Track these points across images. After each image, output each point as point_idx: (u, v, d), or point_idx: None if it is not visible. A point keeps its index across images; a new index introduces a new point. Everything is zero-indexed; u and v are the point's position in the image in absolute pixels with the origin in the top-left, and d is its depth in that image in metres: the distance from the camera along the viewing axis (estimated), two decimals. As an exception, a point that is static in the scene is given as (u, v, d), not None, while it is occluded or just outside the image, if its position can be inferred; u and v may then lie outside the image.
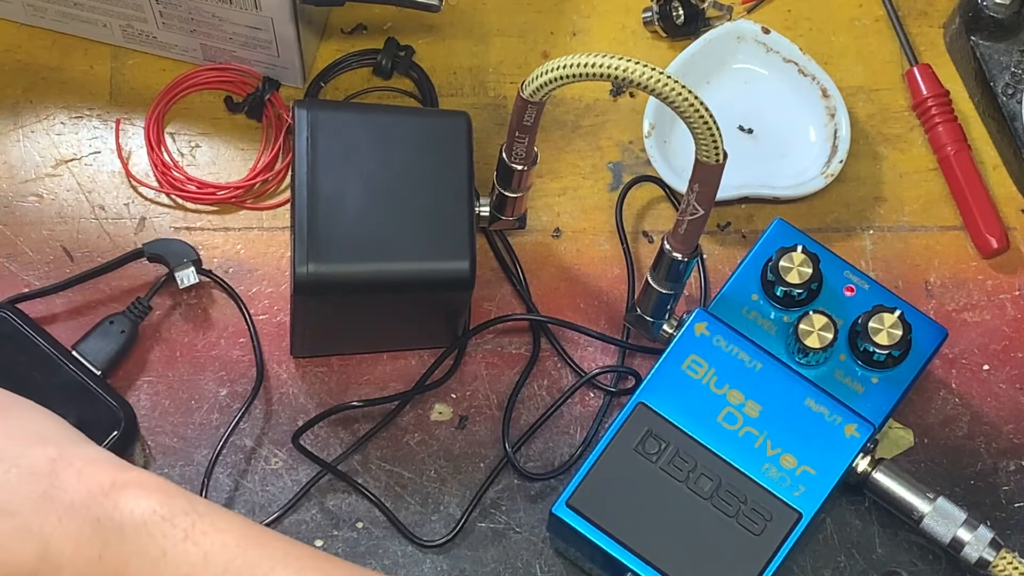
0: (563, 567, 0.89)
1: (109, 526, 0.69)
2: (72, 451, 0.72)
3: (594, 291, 0.95)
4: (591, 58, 0.71)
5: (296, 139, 0.84)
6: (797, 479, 0.82)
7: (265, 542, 0.71)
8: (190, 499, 0.71)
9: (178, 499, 0.70)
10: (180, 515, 0.70)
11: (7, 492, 0.70)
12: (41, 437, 0.73)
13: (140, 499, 0.70)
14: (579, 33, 1.01)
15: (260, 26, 0.92)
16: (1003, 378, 0.94)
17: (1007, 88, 0.97)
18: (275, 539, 0.71)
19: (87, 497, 0.70)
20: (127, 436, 0.87)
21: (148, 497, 0.70)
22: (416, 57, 0.99)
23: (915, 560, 0.89)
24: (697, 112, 0.71)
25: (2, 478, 0.70)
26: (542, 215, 0.96)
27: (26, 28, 0.98)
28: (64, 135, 0.96)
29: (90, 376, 0.88)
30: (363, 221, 0.83)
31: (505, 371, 0.93)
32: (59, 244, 0.94)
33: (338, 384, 0.92)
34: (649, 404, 0.84)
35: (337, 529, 0.89)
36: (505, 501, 0.90)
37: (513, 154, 0.82)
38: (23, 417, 0.74)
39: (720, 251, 0.96)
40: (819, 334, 0.84)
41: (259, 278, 0.94)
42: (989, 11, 0.96)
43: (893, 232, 0.97)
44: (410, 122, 0.86)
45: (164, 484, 0.71)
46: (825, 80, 0.97)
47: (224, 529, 0.70)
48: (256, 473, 0.90)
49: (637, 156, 0.98)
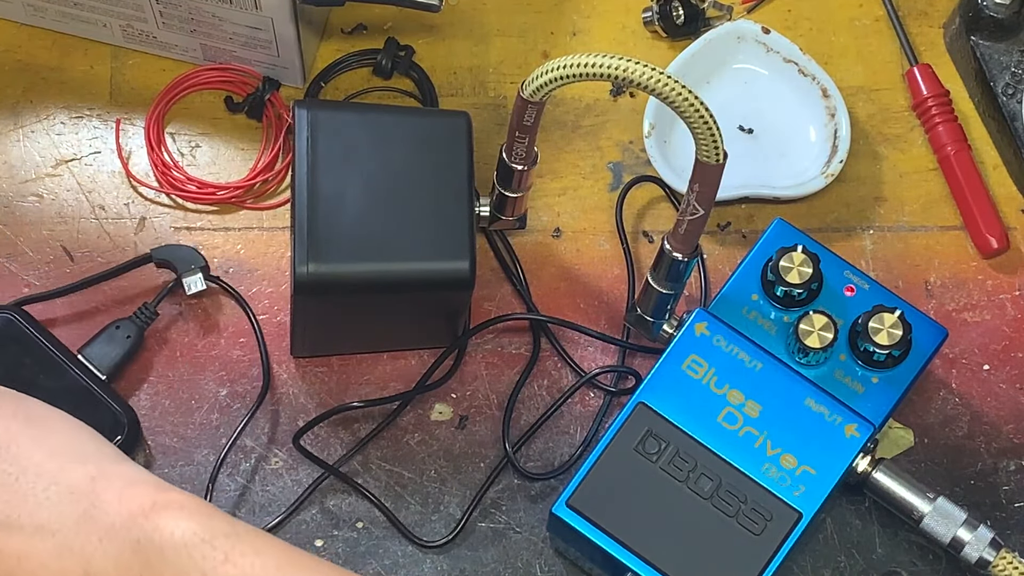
0: (563, 567, 0.89)
1: (149, 548, 0.69)
2: (111, 469, 0.72)
3: (594, 291, 0.95)
4: (591, 58, 0.71)
5: (296, 139, 0.84)
6: (797, 479, 0.82)
7: (304, 565, 0.70)
8: (230, 521, 0.71)
9: (218, 521, 0.70)
10: (220, 537, 0.69)
11: (47, 510, 0.70)
12: (80, 454, 0.72)
13: (180, 521, 0.69)
14: (579, 33, 1.01)
15: (260, 26, 0.92)
16: (1003, 378, 0.94)
17: (1007, 88, 0.97)
18: (315, 563, 0.71)
19: (127, 518, 0.70)
20: (130, 441, 0.87)
21: (189, 519, 0.69)
22: (416, 57, 0.99)
23: (915, 560, 0.89)
24: (697, 112, 0.71)
25: (42, 495, 0.70)
26: (542, 215, 0.96)
27: (26, 28, 0.98)
28: (64, 135, 0.96)
29: (95, 381, 0.88)
30: (363, 221, 0.83)
31: (505, 371, 0.93)
32: (59, 244, 0.94)
33: (338, 384, 0.92)
34: (649, 404, 0.84)
35: (337, 529, 0.89)
36: (505, 501, 0.90)
37: (513, 154, 0.82)
38: (62, 432, 0.74)
39: (720, 251, 0.96)
40: (819, 334, 0.84)
41: (259, 278, 0.94)
42: (989, 11, 0.96)
43: (893, 232, 0.97)
44: (410, 122, 0.86)
45: (204, 505, 0.71)
46: (825, 80, 0.97)
47: (264, 552, 0.70)
48: (256, 473, 0.90)
49: (637, 156, 0.98)
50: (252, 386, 0.91)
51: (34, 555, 0.70)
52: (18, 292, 0.92)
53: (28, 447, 0.72)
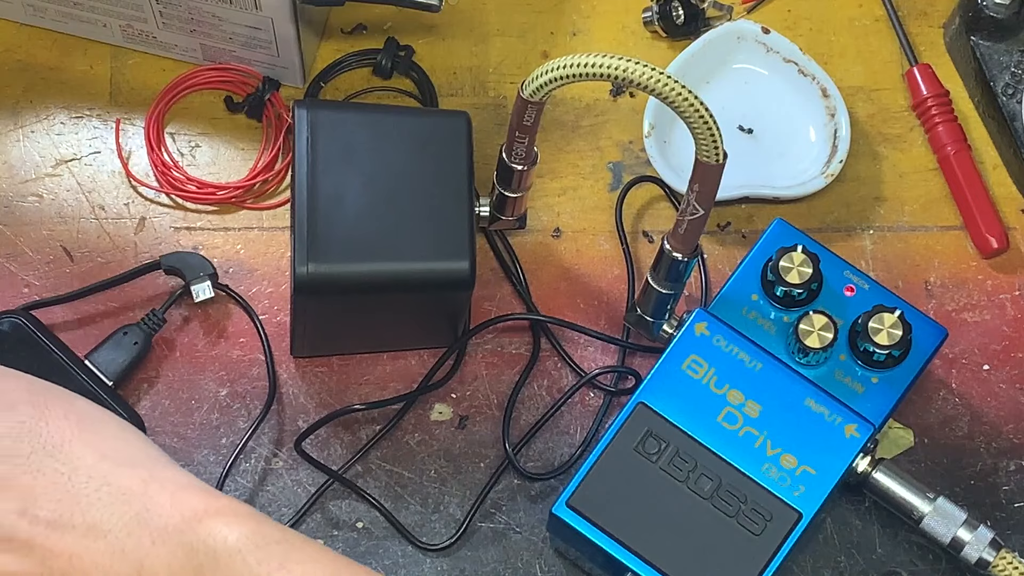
0: (563, 567, 0.89)
1: (203, 551, 0.69)
2: (162, 473, 0.72)
3: (594, 291, 0.95)
4: (591, 58, 0.71)
5: (296, 139, 0.84)
6: (797, 479, 0.82)
7: (356, 573, 0.71)
8: (281, 528, 0.71)
9: (269, 528, 0.70)
10: (273, 544, 0.69)
11: (99, 510, 0.70)
12: (131, 457, 0.72)
13: (233, 527, 0.69)
14: (579, 33, 1.01)
15: (260, 26, 0.92)
16: (1003, 378, 0.94)
17: (1007, 88, 0.97)
18: (365, 573, 0.71)
19: (180, 522, 0.69)
20: None
21: (241, 525, 0.69)
22: (416, 57, 0.99)
23: (915, 560, 0.89)
24: (697, 112, 0.71)
25: (94, 496, 0.70)
26: (542, 215, 0.96)
27: (26, 28, 0.98)
28: (64, 135, 0.96)
29: (101, 387, 0.88)
30: (363, 221, 0.83)
31: (505, 371, 0.93)
32: (59, 244, 0.94)
33: (338, 385, 0.92)
34: (649, 404, 0.84)
35: (337, 529, 0.89)
36: (505, 501, 0.90)
37: (513, 154, 0.82)
38: (113, 434, 0.74)
39: (720, 251, 0.96)
40: (819, 334, 0.84)
41: (259, 278, 0.94)
42: (989, 11, 0.96)
43: (893, 232, 0.97)
44: (410, 122, 0.86)
45: (255, 513, 0.71)
46: (825, 80, 0.97)
47: (317, 559, 0.70)
48: (256, 473, 0.90)
49: (637, 156, 0.98)
50: (252, 386, 0.91)
51: (86, 555, 0.69)
52: (18, 292, 0.92)
53: (80, 448, 0.71)
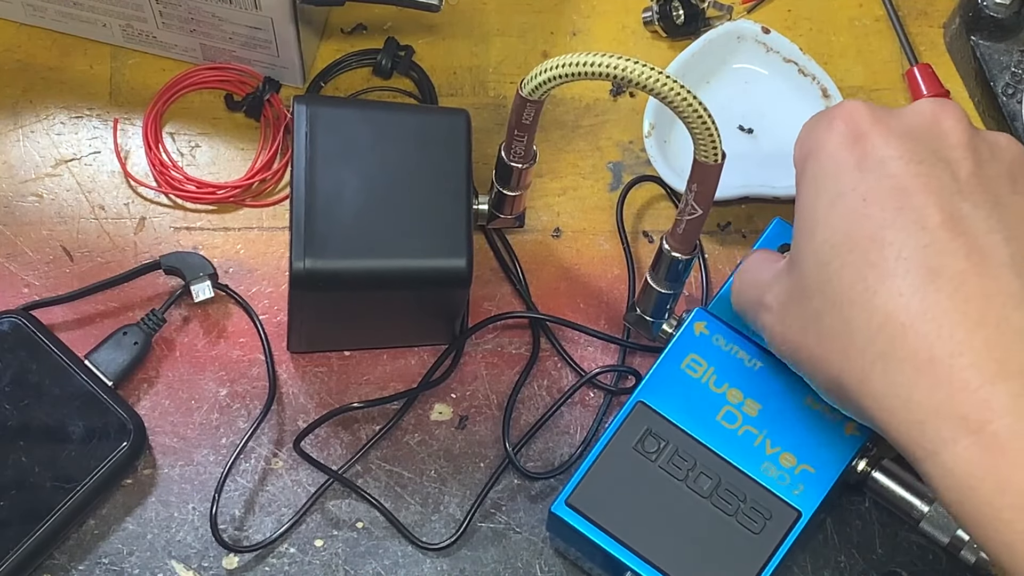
0: (563, 567, 0.89)
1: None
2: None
3: (594, 291, 0.95)
4: (591, 57, 0.71)
5: (295, 134, 0.84)
6: (797, 478, 0.82)
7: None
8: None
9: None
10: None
11: None
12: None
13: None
14: (579, 33, 1.01)
15: (260, 26, 0.92)
16: (1003, 378, 0.93)
17: (1007, 88, 0.97)
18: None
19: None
20: (136, 447, 0.87)
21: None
22: (416, 57, 0.99)
23: (915, 560, 0.89)
24: (695, 112, 0.71)
25: None
26: (542, 215, 0.96)
27: (26, 28, 0.99)
28: (64, 135, 0.96)
29: (101, 387, 0.88)
30: (360, 217, 0.83)
31: (505, 371, 0.93)
32: (59, 244, 0.94)
33: (338, 385, 0.92)
34: (648, 403, 0.84)
35: (337, 529, 0.89)
36: (505, 501, 0.90)
37: (512, 152, 0.82)
38: None
39: (720, 251, 0.96)
40: (819, 333, 0.84)
41: (259, 278, 0.94)
42: (989, 11, 0.96)
43: (893, 232, 0.97)
44: (409, 119, 0.86)
45: None
46: (825, 80, 0.97)
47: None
48: (256, 473, 0.90)
49: (637, 156, 0.98)
50: (252, 386, 0.91)
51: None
52: (18, 292, 0.92)
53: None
